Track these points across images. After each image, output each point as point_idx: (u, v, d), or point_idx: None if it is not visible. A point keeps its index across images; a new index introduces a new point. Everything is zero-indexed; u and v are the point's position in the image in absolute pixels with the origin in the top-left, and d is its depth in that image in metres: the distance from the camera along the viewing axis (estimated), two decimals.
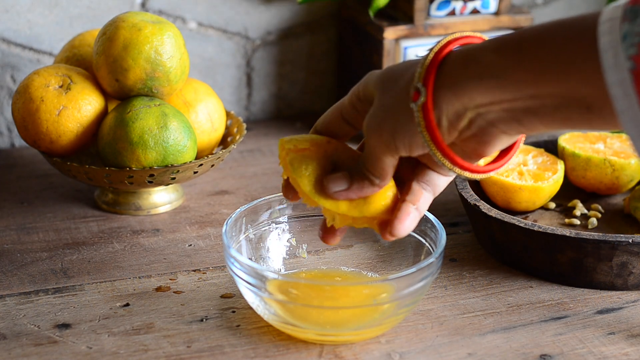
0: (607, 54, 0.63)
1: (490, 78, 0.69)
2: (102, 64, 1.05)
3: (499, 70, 0.69)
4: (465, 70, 0.70)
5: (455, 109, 0.71)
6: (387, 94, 0.75)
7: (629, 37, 0.63)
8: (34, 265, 0.98)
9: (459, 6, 1.26)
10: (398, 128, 0.74)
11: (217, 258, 1.00)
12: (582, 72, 0.65)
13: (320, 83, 1.39)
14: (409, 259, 0.92)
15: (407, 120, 0.73)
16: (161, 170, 1.03)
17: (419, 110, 0.71)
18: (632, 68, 0.62)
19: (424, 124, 0.72)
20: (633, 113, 0.63)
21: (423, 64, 0.72)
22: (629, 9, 0.64)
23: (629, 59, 0.63)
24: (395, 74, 0.75)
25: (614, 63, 0.63)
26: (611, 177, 1.09)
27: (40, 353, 0.84)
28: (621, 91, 0.63)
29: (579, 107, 0.67)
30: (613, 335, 0.88)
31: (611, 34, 0.64)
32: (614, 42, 0.63)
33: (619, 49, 0.63)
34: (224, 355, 0.85)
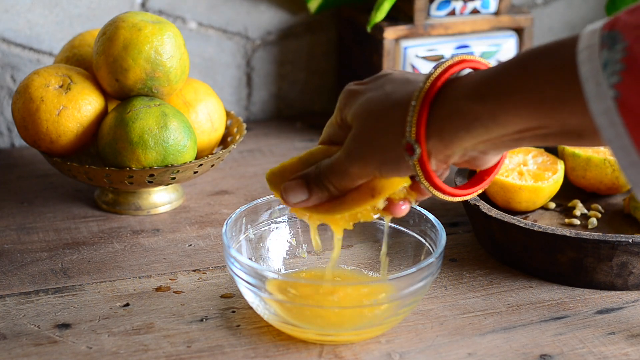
0: (588, 83, 0.63)
1: (477, 127, 0.70)
2: (102, 64, 1.05)
3: (485, 120, 0.70)
4: (451, 122, 0.72)
5: (445, 154, 0.74)
6: (371, 129, 0.76)
7: (610, 65, 0.62)
8: (34, 265, 0.98)
9: (459, 6, 1.26)
10: (386, 166, 0.76)
11: (217, 258, 1.00)
12: (568, 106, 0.65)
13: (320, 83, 1.39)
14: (409, 259, 0.92)
15: (396, 160, 0.75)
16: (161, 170, 1.03)
17: (416, 164, 0.74)
18: (616, 97, 0.62)
19: (422, 174, 0.74)
20: (621, 142, 0.63)
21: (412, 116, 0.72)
22: (605, 35, 0.63)
23: (612, 87, 0.62)
24: (380, 110, 0.76)
25: (596, 93, 0.63)
26: (611, 177, 1.09)
27: (40, 353, 0.84)
28: (607, 120, 0.63)
29: (570, 136, 0.68)
30: (613, 335, 0.88)
31: (591, 62, 0.63)
32: (595, 70, 0.63)
33: (601, 77, 0.63)
34: (224, 355, 0.85)
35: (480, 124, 0.70)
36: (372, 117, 0.76)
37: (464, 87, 0.71)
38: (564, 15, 1.45)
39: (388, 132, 0.75)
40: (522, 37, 1.29)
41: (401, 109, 0.74)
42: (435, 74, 0.73)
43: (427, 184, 0.75)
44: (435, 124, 0.72)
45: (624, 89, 0.62)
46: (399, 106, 0.74)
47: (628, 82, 0.62)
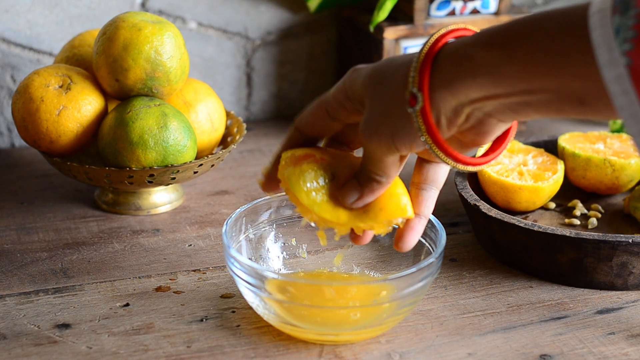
0: (600, 49, 0.63)
1: (483, 75, 0.69)
2: (102, 64, 1.05)
3: (491, 67, 0.69)
4: (458, 68, 0.70)
5: (452, 107, 0.72)
6: (380, 98, 0.75)
7: (622, 32, 0.62)
8: (34, 265, 0.98)
9: (459, 6, 1.26)
10: (397, 131, 0.74)
11: (217, 258, 1.00)
12: (574, 66, 0.65)
13: (320, 83, 1.39)
14: (409, 259, 0.92)
15: (405, 123, 0.73)
16: (161, 170, 1.03)
17: (418, 116, 0.72)
18: (629, 64, 0.62)
19: (424, 128, 0.72)
20: (633, 110, 0.63)
21: (415, 67, 0.72)
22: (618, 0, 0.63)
23: (624, 54, 0.62)
24: (385, 75, 0.75)
25: (608, 59, 0.63)
26: (611, 177, 1.09)
27: (40, 353, 0.84)
28: (619, 88, 0.63)
29: (572, 101, 0.67)
30: (613, 335, 0.88)
31: (602, 27, 0.63)
32: (606, 36, 0.63)
33: (613, 44, 0.62)
34: (224, 355, 0.85)
35: (486, 72, 0.69)
36: (378, 85, 0.75)
37: (471, 38, 0.71)
38: None
39: (394, 95, 0.73)
40: None
41: (405, 68, 0.73)
42: (440, 32, 0.72)
43: (428, 138, 0.72)
44: (440, 72, 0.71)
45: (636, 56, 0.61)
46: (403, 66, 0.73)
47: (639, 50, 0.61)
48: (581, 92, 0.66)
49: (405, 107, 0.73)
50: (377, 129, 0.75)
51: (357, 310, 0.84)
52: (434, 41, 0.72)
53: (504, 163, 1.09)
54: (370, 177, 0.79)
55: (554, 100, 0.68)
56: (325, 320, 0.84)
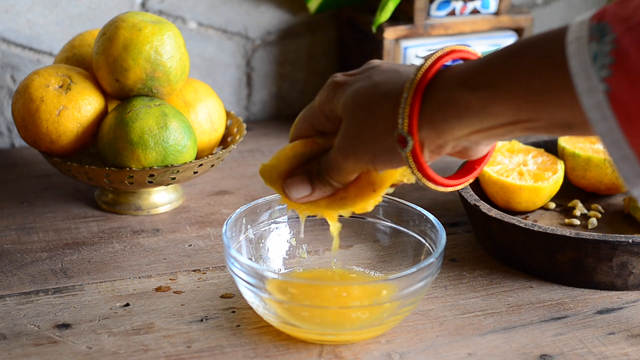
0: (579, 77, 0.63)
1: (469, 117, 0.70)
2: (102, 64, 1.05)
3: (476, 110, 0.70)
4: (443, 112, 0.72)
5: (437, 144, 0.74)
6: (361, 122, 0.76)
7: (600, 58, 0.62)
8: (34, 265, 0.98)
9: (459, 6, 1.26)
10: (379, 159, 0.76)
11: (217, 258, 1.00)
12: (557, 98, 0.65)
13: (320, 83, 1.39)
14: (409, 259, 0.92)
15: (389, 152, 0.75)
16: (161, 170, 1.03)
17: (409, 156, 0.74)
18: (607, 90, 0.62)
19: (415, 166, 0.74)
20: (613, 136, 0.63)
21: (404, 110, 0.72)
22: (594, 26, 0.63)
23: (603, 81, 0.62)
24: (369, 104, 0.76)
25: (587, 87, 0.63)
26: (611, 177, 1.09)
27: (40, 353, 0.84)
28: (599, 114, 0.63)
29: (561, 127, 0.67)
30: (613, 335, 0.88)
31: (580, 55, 0.63)
32: (584, 64, 0.63)
33: (591, 71, 0.62)
34: (224, 355, 0.85)
35: (472, 114, 0.70)
36: (361, 110, 0.76)
37: (455, 77, 0.71)
38: (564, 15, 1.45)
39: (379, 125, 0.75)
40: (522, 37, 1.29)
41: (391, 100, 0.74)
42: (426, 65, 0.72)
43: (420, 175, 0.75)
44: (427, 114, 0.72)
45: (614, 82, 0.62)
46: (389, 98, 0.74)
47: (618, 76, 0.61)
48: (568, 119, 0.66)
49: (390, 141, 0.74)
50: (357, 153, 0.76)
51: (357, 310, 0.84)
52: (420, 79, 0.72)
53: (504, 163, 1.09)
54: (327, 182, 0.80)
55: (541, 127, 0.69)
56: (325, 320, 0.84)
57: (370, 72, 0.77)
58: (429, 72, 0.72)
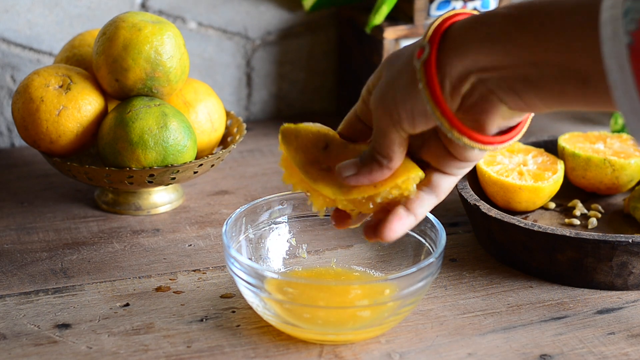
0: (606, 27, 0.64)
1: (495, 41, 0.69)
2: (102, 64, 1.05)
3: (504, 34, 0.69)
4: (472, 31, 0.71)
5: (458, 72, 0.71)
6: (392, 68, 0.75)
7: (631, 13, 0.63)
8: (34, 265, 0.99)
9: (459, 6, 1.26)
10: (400, 94, 0.74)
11: (217, 258, 1.00)
12: (582, 43, 0.66)
13: (320, 83, 1.39)
14: (409, 259, 0.92)
15: (409, 82, 0.73)
16: (161, 170, 1.03)
17: (422, 67, 0.71)
18: (630, 43, 0.63)
19: (425, 80, 0.71)
20: (626, 87, 0.63)
21: (430, 26, 0.73)
22: None
23: (628, 34, 0.63)
24: (402, 50, 0.76)
25: (612, 35, 0.63)
26: (611, 177, 1.09)
27: (40, 353, 0.84)
28: (616, 64, 0.63)
29: (576, 79, 0.67)
30: (613, 335, 0.88)
31: (614, 8, 0.64)
32: (615, 16, 0.63)
33: (619, 23, 0.63)
34: (224, 355, 0.85)
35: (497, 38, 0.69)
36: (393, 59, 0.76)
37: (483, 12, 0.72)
38: None
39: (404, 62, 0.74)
40: None
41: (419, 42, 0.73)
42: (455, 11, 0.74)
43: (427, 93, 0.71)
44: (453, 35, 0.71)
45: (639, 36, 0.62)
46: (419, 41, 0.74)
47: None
48: (585, 69, 0.66)
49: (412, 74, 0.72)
50: (383, 96, 0.75)
51: (357, 310, 0.84)
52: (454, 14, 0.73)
53: (504, 163, 1.09)
54: (373, 155, 0.77)
55: (557, 77, 0.68)
56: (325, 320, 0.84)
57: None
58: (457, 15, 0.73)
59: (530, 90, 0.70)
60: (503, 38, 0.69)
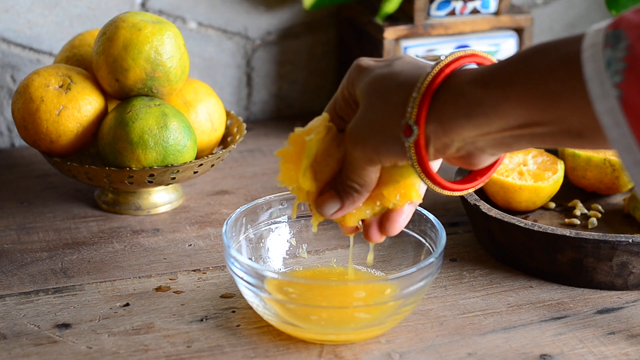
0: (593, 82, 0.63)
1: (478, 115, 0.70)
2: (102, 64, 1.05)
3: (486, 107, 0.69)
4: (453, 107, 0.71)
5: (443, 142, 0.73)
6: (374, 108, 0.76)
7: (613, 64, 0.62)
8: (34, 265, 0.98)
9: (459, 6, 1.26)
10: (383, 147, 0.75)
11: (217, 258, 1.00)
12: (570, 102, 0.65)
13: (320, 83, 1.39)
14: (409, 259, 0.92)
15: (393, 143, 0.74)
16: (161, 170, 1.03)
17: (411, 147, 0.73)
18: (620, 96, 0.62)
19: (416, 158, 0.73)
20: (626, 142, 0.63)
21: (415, 100, 0.72)
22: (610, 33, 0.63)
23: (615, 86, 0.62)
24: (385, 90, 0.75)
25: (601, 92, 0.63)
26: (611, 177, 1.09)
27: (40, 353, 0.84)
28: (611, 120, 0.63)
29: (570, 134, 0.67)
30: (613, 335, 0.88)
31: (595, 61, 0.63)
32: (599, 69, 0.63)
33: (604, 76, 0.62)
34: (224, 355, 0.85)
35: (482, 112, 0.69)
36: (376, 96, 0.76)
37: (470, 75, 0.71)
38: (564, 15, 1.45)
39: (389, 112, 0.74)
40: (522, 37, 1.29)
41: (405, 90, 0.73)
42: (445, 61, 0.72)
43: (419, 169, 0.74)
44: (437, 108, 0.72)
45: (627, 88, 0.62)
46: (404, 87, 0.74)
47: (630, 81, 0.62)
48: (579, 126, 0.66)
49: (397, 130, 0.74)
50: (364, 139, 0.76)
51: (358, 310, 0.84)
52: (437, 72, 0.72)
53: (504, 163, 1.09)
54: (350, 185, 0.79)
55: (550, 134, 0.68)
56: (325, 320, 0.84)
57: (393, 61, 0.77)
58: (447, 67, 0.72)
59: (522, 143, 0.70)
60: (486, 112, 0.69)
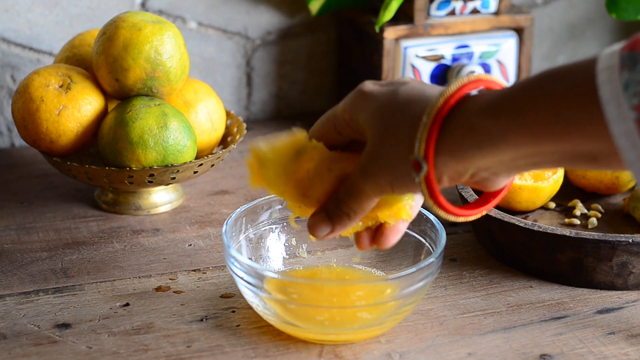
0: (609, 105, 0.62)
1: (489, 146, 0.69)
2: (102, 63, 1.05)
3: (497, 138, 0.68)
4: (463, 139, 0.70)
5: (456, 170, 0.72)
6: (384, 142, 0.74)
7: (631, 86, 0.61)
8: (34, 265, 0.99)
9: (459, 6, 1.26)
10: (398, 182, 0.74)
11: (217, 258, 1.00)
12: (584, 128, 0.64)
13: (320, 83, 1.39)
14: (409, 259, 0.92)
15: (405, 174, 0.73)
16: (161, 170, 1.03)
17: (422, 182, 0.72)
18: (637, 118, 0.61)
19: (428, 192, 0.72)
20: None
21: (422, 134, 0.71)
22: (626, 55, 0.62)
23: (633, 109, 0.61)
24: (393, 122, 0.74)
25: (617, 115, 0.62)
26: (611, 177, 1.09)
27: (40, 353, 0.84)
28: (628, 143, 0.62)
29: (585, 159, 0.66)
30: (613, 335, 0.88)
31: (611, 83, 0.62)
32: (615, 92, 0.62)
33: (622, 99, 0.62)
34: (224, 355, 0.85)
35: (491, 142, 0.68)
36: (384, 129, 0.74)
37: (478, 104, 0.70)
38: (564, 15, 1.45)
39: (399, 147, 0.73)
40: (522, 37, 1.29)
41: (412, 123, 0.72)
42: (450, 91, 0.71)
43: (431, 202, 0.73)
44: (446, 140, 0.71)
45: None
46: (411, 120, 0.73)
47: None
48: (593, 151, 0.65)
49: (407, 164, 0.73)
50: (376, 174, 0.75)
51: (358, 310, 0.84)
52: (442, 104, 0.71)
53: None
54: (345, 212, 0.78)
55: (564, 160, 0.67)
56: (325, 320, 0.84)
57: (398, 87, 0.75)
58: (452, 98, 0.71)
59: (537, 168, 0.70)
60: (496, 143, 0.68)
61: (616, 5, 1.23)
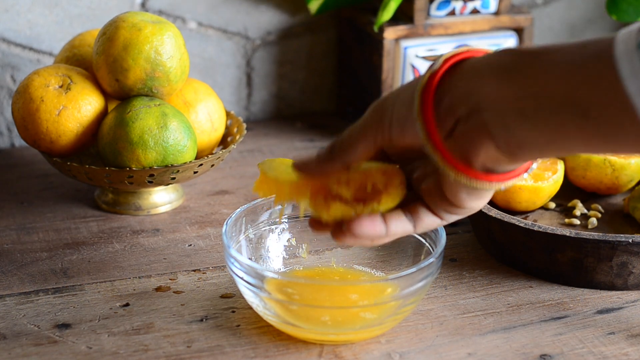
0: (622, 61, 0.63)
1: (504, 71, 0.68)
2: (102, 64, 1.05)
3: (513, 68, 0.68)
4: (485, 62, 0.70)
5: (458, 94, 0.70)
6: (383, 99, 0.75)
7: None
8: (34, 265, 0.99)
9: (459, 6, 1.26)
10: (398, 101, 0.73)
11: (217, 258, 1.00)
12: (587, 73, 0.64)
13: (320, 83, 1.39)
14: (409, 259, 0.92)
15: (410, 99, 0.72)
16: (161, 170, 1.03)
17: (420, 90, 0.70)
18: None
19: (421, 89, 0.71)
20: None
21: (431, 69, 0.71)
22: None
23: None
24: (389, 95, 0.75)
25: (631, 71, 0.62)
26: (611, 177, 1.09)
27: (40, 353, 0.84)
28: None
29: (575, 112, 0.65)
30: (613, 335, 0.88)
31: (626, 43, 0.63)
32: (629, 51, 0.63)
33: (635, 57, 0.62)
34: (224, 355, 0.85)
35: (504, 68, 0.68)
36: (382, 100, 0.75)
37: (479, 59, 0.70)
38: (564, 15, 1.45)
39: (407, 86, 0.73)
40: (522, 37, 1.29)
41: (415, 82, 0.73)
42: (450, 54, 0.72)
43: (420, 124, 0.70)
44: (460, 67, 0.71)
45: None
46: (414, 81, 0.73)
47: None
48: (586, 101, 0.65)
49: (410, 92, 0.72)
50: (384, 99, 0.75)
51: (358, 310, 0.84)
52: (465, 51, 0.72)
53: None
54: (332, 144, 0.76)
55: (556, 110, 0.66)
56: (325, 320, 0.84)
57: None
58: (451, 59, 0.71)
59: (524, 125, 0.68)
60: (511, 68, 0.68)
61: (617, 7, 1.23)
